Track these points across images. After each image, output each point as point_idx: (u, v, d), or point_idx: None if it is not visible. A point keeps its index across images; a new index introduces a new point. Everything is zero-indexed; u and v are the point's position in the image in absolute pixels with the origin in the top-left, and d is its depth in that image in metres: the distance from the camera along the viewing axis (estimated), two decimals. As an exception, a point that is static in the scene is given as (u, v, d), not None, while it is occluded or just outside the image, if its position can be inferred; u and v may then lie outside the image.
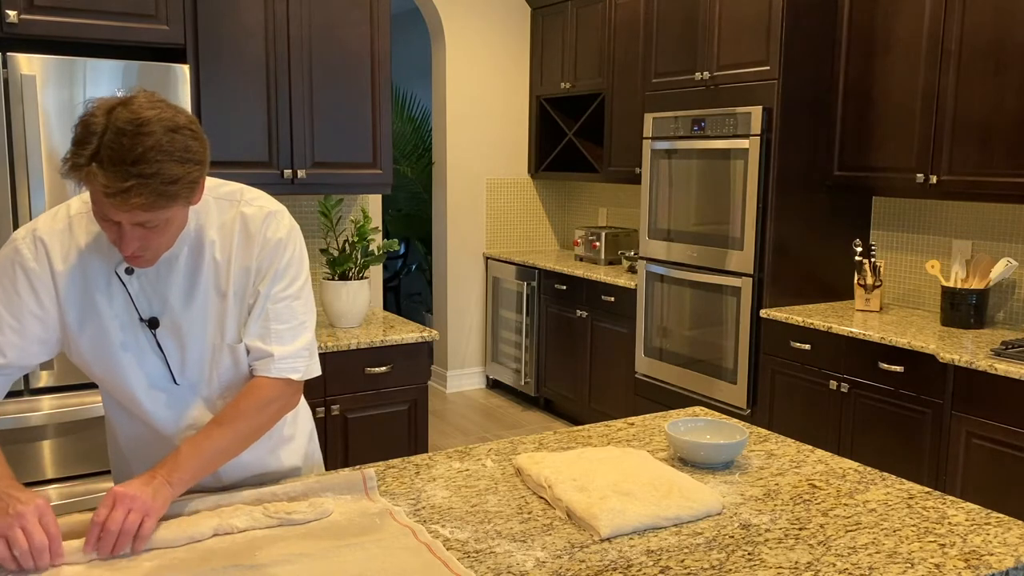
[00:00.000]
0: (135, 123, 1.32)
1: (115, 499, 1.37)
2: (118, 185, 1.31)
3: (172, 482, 1.45)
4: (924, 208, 3.84)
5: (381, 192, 3.56)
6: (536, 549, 1.42)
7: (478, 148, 5.82)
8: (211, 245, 1.57)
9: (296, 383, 1.63)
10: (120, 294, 1.55)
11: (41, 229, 1.54)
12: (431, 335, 3.25)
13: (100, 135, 1.32)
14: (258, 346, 1.59)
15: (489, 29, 5.74)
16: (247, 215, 1.59)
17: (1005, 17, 3.12)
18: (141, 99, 1.37)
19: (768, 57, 3.73)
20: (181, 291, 1.57)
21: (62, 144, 2.68)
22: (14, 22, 2.68)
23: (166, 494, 1.44)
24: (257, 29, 3.16)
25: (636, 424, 2.09)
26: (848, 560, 1.39)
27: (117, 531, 1.35)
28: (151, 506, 1.39)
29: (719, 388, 4.03)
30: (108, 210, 1.37)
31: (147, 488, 1.40)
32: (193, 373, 1.61)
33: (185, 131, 1.37)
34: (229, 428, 1.54)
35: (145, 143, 1.32)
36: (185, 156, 1.36)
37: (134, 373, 1.58)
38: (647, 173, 4.41)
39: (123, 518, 1.35)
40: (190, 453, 1.49)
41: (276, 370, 1.59)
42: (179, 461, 1.47)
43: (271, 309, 1.59)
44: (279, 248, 1.60)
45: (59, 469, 2.76)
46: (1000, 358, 2.92)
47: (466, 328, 5.96)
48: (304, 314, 1.64)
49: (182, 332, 1.58)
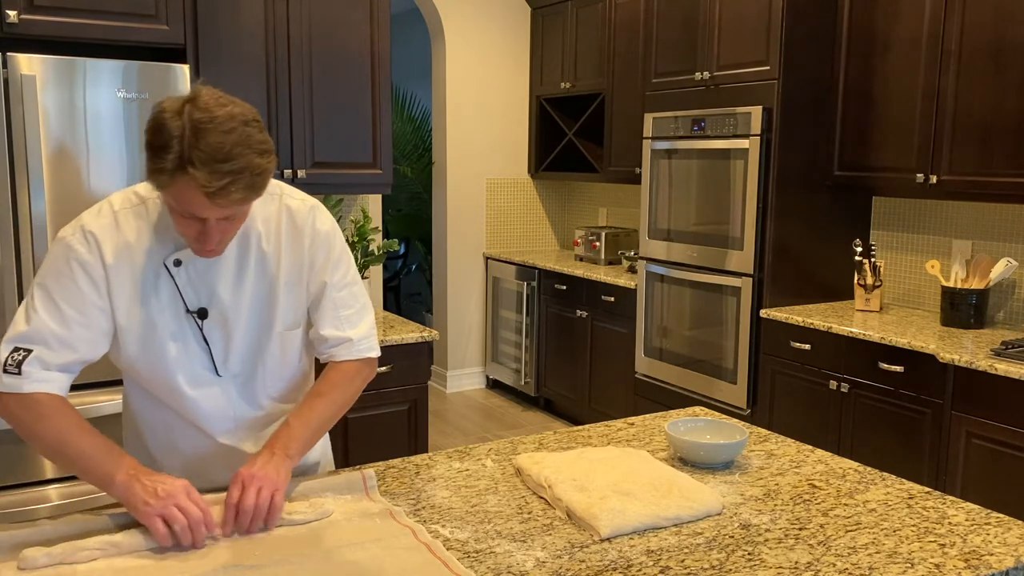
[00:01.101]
0: (215, 121, 1.36)
1: (244, 480, 1.46)
2: (216, 184, 1.36)
3: (291, 454, 1.55)
4: (924, 208, 3.84)
5: (381, 192, 3.56)
6: (536, 549, 1.42)
7: (478, 148, 5.82)
8: (257, 236, 1.62)
9: (374, 360, 1.75)
10: (168, 286, 1.58)
11: (89, 224, 1.56)
12: (431, 335, 3.25)
13: (181, 138, 1.35)
14: (335, 334, 1.68)
15: (489, 29, 5.74)
16: (292, 208, 1.65)
17: (1005, 17, 3.12)
18: (207, 97, 1.40)
19: (768, 57, 3.73)
20: (229, 281, 1.61)
21: (62, 144, 2.68)
22: (14, 22, 2.68)
23: (288, 467, 1.53)
24: (257, 29, 3.17)
25: (636, 424, 2.09)
26: (848, 560, 1.39)
27: (252, 510, 1.44)
28: (278, 481, 1.48)
29: (719, 388, 4.03)
30: (199, 208, 1.40)
31: (270, 465, 1.49)
32: (235, 364, 1.65)
33: (255, 124, 1.42)
34: (328, 399, 1.65)
35: (230, 139, 1.36)
36: (262, 148, 1.41)
37: (180, 365, 1.61)
38: (647, 173, 4.41)
39: (255, 497, 1.44)
40: (299, 424, 1.60)
41: (357, 351, 1.70)
42: (292, 434, 1.58)
43: (337, 297, 1.68)
44: (329, 240, 1.68)
45: (59, 469, 2.75)
46: (1000, 358, 2.92)
47: (466, 328, 5.96)
48: (363, 296, 1.75)
49: (228, 322, 1.62)
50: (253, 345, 1.65)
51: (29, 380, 1.48)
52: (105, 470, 1.44)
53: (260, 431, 1.72)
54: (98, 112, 2.73)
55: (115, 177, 2.75)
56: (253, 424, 1.71)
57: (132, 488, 1.42)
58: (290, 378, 1.73)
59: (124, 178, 2.77)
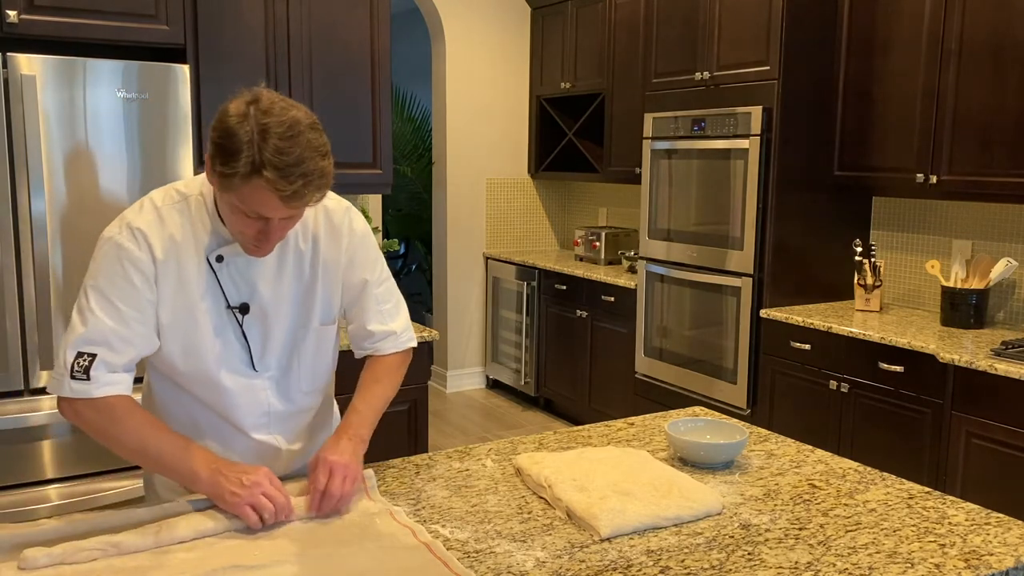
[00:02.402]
0: (284, 124, 1.40)
1: (332, 467, 1.54)
2: (291, 188, 1.40)
3: (364, 438, 1.66)
4: (924, 208, 3.84)
5: (381, 192, 3.56)
6: (536, 549, 1.42)
7: (478, 148, 5.82)
8: (295, 235, 1.65)
9: (411, 350, 1.86)
10: (210, 281, 1.60)
11: (135, 221, 1.57)
12: (431, 335, 3.25)
13: (251, 143, 1.38)
14: (380, 328, 1.77)
15: (489, 29, 5.74)
16: (329, 208, 1.70)
17: (1005, 16, 3.12)
18: (268, 100, 1.43)
19: (768, 57, 3.73)
20: (270, 278, 1.64)
21: (62, 144, 2.68)
22: (14, 22, 2.68)
23: (362, 451, 1.64)
24: (257, 29, 3.16)
25: (636, 424, 2.09)
26: (848, 560, 1.39)
27: (338, 496, 1.52)
28: (358, 470, 1.59)
29: (719, 388, 4.03)
30: (271, 209, 1.45)
31: (351, 455, 1.58)
32: (272, 360, 1.69)
33: (317, 127, 1.46)
34: (385, 383, 1.77)
35: (300, 143, 1.41)
36: (324, 151, 1.45)
37: (220, 359, 1.63)
38: (647, 173, 4.41)
39: (341, 485, 1.53)
40: (365, 409, 1.70)
41: (402, 343, 1.81)
42: (362, 418, 1.68)
43: (377, 294, 1.77)
44: (365, 239, 1.75)
45: (59, 469, 2.75)
46: (1000, 358, 2.92)
47: (466, 328, 5.96)
48: (396, 291, 1.84)
49: (268, 318, 1.65)
50: (290, 341, 1.69)
51: (98, 384, 1.51)
52: (188, 466, 1.50)
53: (291, 425, 1.76)
54: (98, 112, 2.73)
55: (115, 177, 2.75)
56: (285, 418, 1.74)
57: (218, 481, 1.48)
58: (323, 373, 1.79)
59: (124, 178, 2.77)
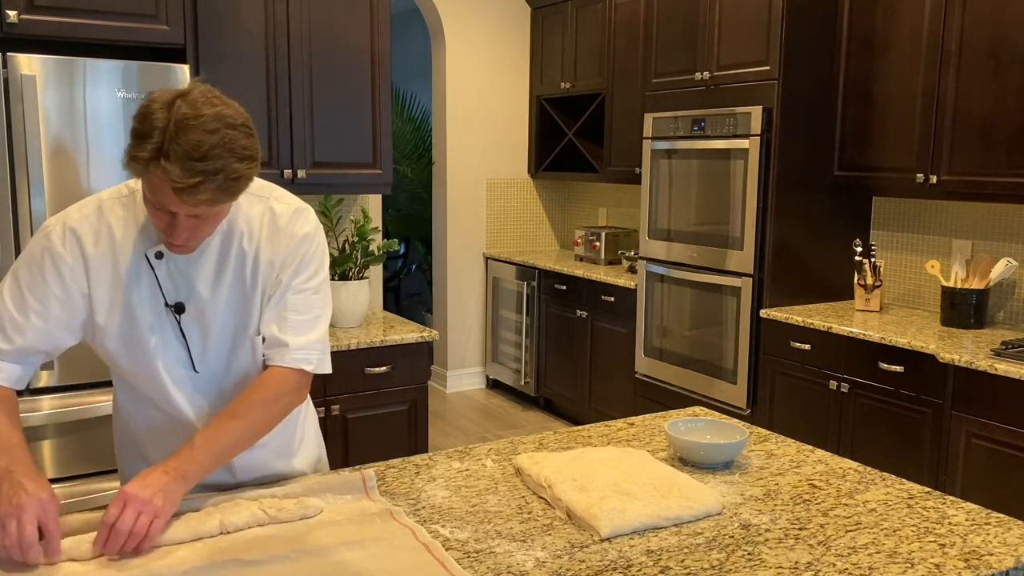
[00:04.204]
0: (200, 119, 1.36)
1: (126, 501, 1.38)
2: (187, 181, 1.34)
3: (187, 475, 1.45)
4: (924, 208, 3.84)
5: (381, 192, 3.56)
6: (536, 549, 1.42)
7: (478, 148, 5.82)
8: (240, 236, 1.61)
9: (308, 375, 1.64)
10: (148, 278, 1.58)
11: (71, 217, 1.58)
12: (431, 335, 3.25)
13: (163, 130, 1.35)
14: (274, 335, 1.61)
15: (489, 29, 5.74)
16: (276, 211, 1.63)
17: (1005, 17, 3.11)
18: (198, 94, 1.40)
19: (768, 57, 3.73)
20: (209, 278, 1.60)
21: (62, 144, 2.68)
22: (14, 22, 2.68)
23: (179, 490, 1.44)
24: (257, 29, 3.16)
25: (636, 424, 2.09)
26: (848, 560, 1.39)
27: (127, 533, 1.35)
28: (161, 509, 1.39)
29: (719, 388, 4.03)
30: (167, 201, 1.40)
31: (158, 490, 1.40)
32: (212, 361, 1.64)
33: (243, 128, 1.41)
34: (242, 420, 1.55)
35: (211, 140, 1.35)
36: (244, 153, 1.40)
37: (159, 357, 1.60)
38: (647, 173, 4.41)
39: (133, 521, 1.36)
40: (204, 445, 1.50)
41: (291, 359, 1.61)
42: (194, 454, 1.48)
43: (290, 299, 1.62)
44: (304, 242, 1.64)
45: (59, 469, 2.76)
46: (1000, 358, 2.92)
47: (466, 328, 5.96)
48: (321, 308, 1.66)
49: (206, 319, 1.61)
50: (228, 345, 1.63)
51: None
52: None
53: None
54: (98, 112, 2.73)
55: (115, 177, 2.75)
56: None
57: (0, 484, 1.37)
58: None
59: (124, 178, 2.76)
